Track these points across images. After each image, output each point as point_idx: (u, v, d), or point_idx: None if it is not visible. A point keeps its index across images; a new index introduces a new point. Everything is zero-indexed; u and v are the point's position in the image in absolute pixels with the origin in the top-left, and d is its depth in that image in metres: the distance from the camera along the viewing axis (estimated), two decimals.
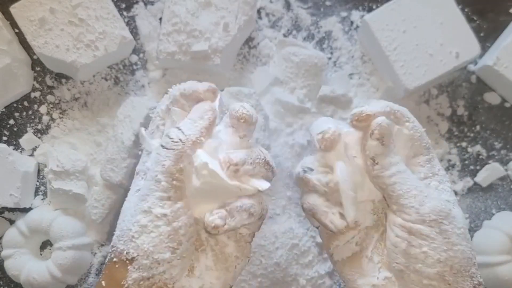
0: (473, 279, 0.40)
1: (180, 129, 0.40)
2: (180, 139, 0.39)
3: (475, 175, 0.65)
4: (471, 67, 0.66)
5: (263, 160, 0.42)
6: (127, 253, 0.38)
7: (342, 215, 0.42)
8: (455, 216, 0.40)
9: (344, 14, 0.67)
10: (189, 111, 0.44)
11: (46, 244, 0.62)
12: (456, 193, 0.65)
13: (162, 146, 0.40)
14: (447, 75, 0.63)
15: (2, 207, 0.60)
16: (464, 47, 0.61)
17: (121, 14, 0.64)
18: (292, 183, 0.60)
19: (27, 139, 0.63)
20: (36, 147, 0.63)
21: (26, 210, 0.62)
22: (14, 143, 0.63)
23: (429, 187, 0.42)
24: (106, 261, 0.41)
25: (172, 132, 0.40)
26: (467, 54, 0.61)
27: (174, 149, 0.39)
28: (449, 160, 0.65)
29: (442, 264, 0.39)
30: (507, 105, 0.66)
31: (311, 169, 0.43)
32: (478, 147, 0.65)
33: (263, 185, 0.41)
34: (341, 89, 0.63)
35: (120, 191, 0.61)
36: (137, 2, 0.66)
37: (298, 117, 0.62)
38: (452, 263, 0.39)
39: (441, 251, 0.39)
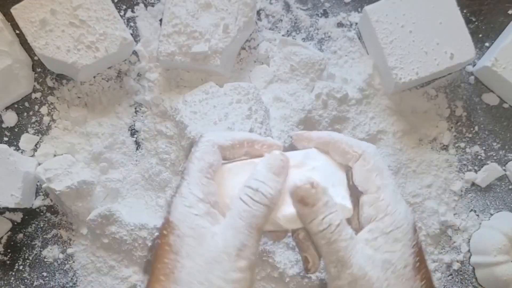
0: None
1: (266, 184, 0.39)
2: (271, 195, 0.39)
3: (473, 176, 0.65)
4: (470, 68, 0.66)
5: None
6: None
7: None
8: None
9: (343, 15, 0.67)
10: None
11: None
12: (454, 193, 0.65)
13: (251, 198, 0.39)
14: (439, 75, 0.63)
15: (3, 207, 0.60)
16: (459, 49, 0.61)
17: (122, 16, 0.64)
18: None
19: (28, 139, 0.63)
20: (37, 147, 0.64)
21: (26, 210, 0.63)
22: (15, 143, 0.64)
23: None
24: None
25: (261, 186, 0.39)
26: (462, 56, 0.61)
27: (266, 205, 0.39)
28: (447, 160, 0.65)
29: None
30: (506, 105, 0.66)
31: None
32: (476, 148, 0.66)
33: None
34: (338, 85, 0.63)
35: None
36: (137, 4, 0.66)
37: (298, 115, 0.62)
38: None
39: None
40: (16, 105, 0.64)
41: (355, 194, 0.43)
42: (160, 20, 0.64)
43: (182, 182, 0.41)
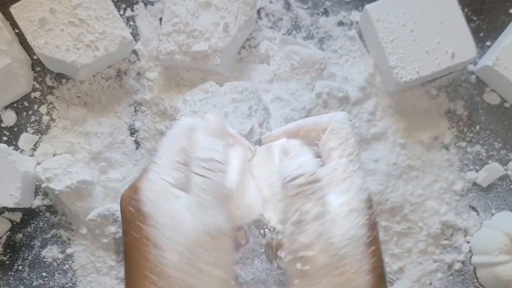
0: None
1: (216, 151, 0.39)
2: (223, 159, 0.39)
3: (474, 175, 0.65)
4: (471, 67, 0.66)
5: None
6: None
7: None
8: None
9: (343, 14, 0.67)
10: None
11: None
12: (455, 193, 0.65)
13: (207, 169, 0.38)
14: (440, 74, 0.63)
15: (2, 207, 0.60)
16: (460, 48, 0.61)
17: (121, 15, 0.64)
18: None
19: (27, 139, 0.63)
20: (36, 147, 0.64)
21: (26, 210, 0.62)
22: (14, 143, 0.63)
23: None
24: None
25: (213, 154, 0.39)
26: (463, 55, 0.61)
27: (221, 171, 0.39)
28: (448, 160, 0.65)
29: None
30: (507, 105, 0.66)
31: None
32: (477, 147, 0.65)
33: None
34: (339, 85, 0.63)
35: None
36: (137, 3, 0.66)
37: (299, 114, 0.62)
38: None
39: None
40: (15, 105, 0.64)
41: None
42: (160, 19, 0.64)
43: (151, 166, 0.39)
